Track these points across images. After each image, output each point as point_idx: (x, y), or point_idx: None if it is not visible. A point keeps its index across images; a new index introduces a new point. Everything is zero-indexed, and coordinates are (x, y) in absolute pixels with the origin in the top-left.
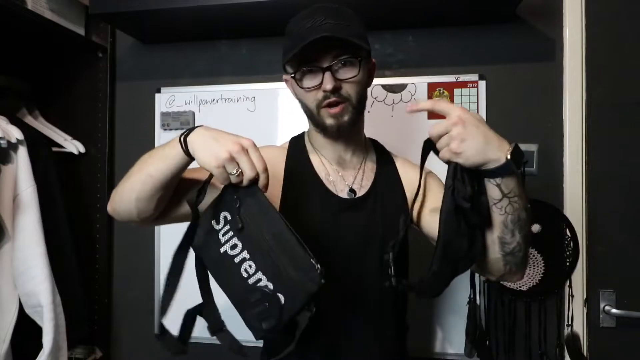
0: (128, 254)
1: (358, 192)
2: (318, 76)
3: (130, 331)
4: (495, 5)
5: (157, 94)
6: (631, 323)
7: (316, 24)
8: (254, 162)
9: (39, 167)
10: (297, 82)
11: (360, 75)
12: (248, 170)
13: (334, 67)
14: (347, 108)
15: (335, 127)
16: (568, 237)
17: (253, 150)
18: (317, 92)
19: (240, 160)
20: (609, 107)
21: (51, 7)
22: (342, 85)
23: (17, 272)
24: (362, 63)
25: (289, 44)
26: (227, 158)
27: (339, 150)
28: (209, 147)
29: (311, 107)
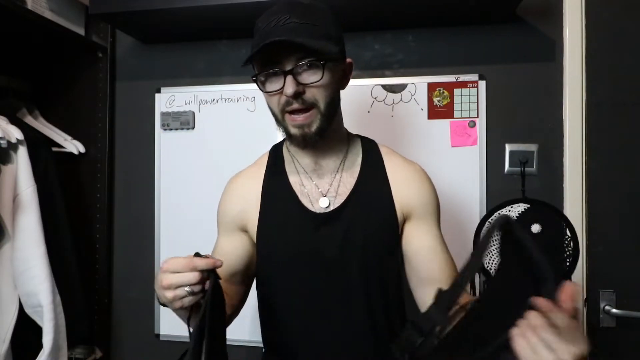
0: (128, 254)
1: (333, 202)
2: (280, 80)
3: (130, 331)
4: (495, 5)
5: (157, 94)
6: (631, 323)
7: (280, 22)
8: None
9: (39, 167)
10: (260, 85)
11: (325, 79)
12: (181, 282)
13: (296, 70)
14: (315, 115)
15: (300, 137)
16: (568, 237)
17: (174, 264)
18: (280, 96)
19: (168, 282)
20: (609, 107)
21: (51, 7)
22: (305, 89)
23: (17, 272)
24: (328, 66)
25: (254, 41)
26: (162, 290)
27: (314, 156)
28: (157, 291)
29: (275, 112)
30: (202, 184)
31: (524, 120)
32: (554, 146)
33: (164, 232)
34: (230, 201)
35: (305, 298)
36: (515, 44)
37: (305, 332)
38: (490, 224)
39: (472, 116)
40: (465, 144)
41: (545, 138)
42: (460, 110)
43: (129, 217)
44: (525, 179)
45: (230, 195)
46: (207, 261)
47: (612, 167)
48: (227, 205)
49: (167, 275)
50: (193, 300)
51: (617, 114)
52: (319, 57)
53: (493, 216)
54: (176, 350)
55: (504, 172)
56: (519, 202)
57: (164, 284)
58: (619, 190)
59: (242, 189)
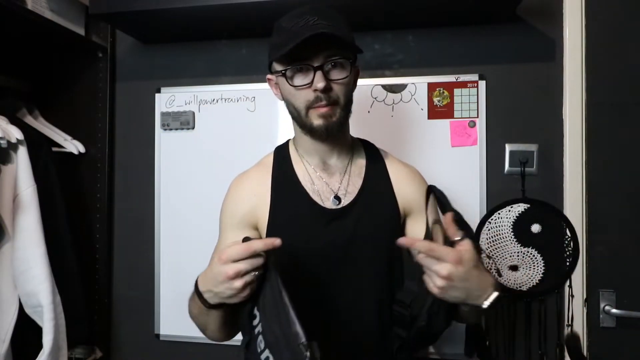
0: (128, 254)
1: (344, 199)
2: (309, 75)
3: (130, 331)
4: (495, 5)
5: (157, 94)
6: (631, 323)
7: (309, 23)
8: (243, 258)
9: (39, 167)
10: (287, 80)
11: (350, 77)
12: (248, 268)
13: (326, 67)
14: (336, 110)
15: (323, 127)
16: (568, 237)
17: (233, 253)
18: (307, 92)
19: (235, 270)
20: (609, 107)
21: (51, 7)
22: (332, 86)
23: (17, 272)
24: (353, 65)
25: (279, 41)
26: (230, 282)
27: (323, 154)
28: (215, 289)
29: (299, 107)
30: (202, 184)
31: (524, 120)
32: (554, 146)
33: (164, 232)
34: (240, 200)
35: (317, 290)
36: (515, 44)
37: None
38: None
39: (472, 116)
40: (465, 144)
41: (545, 138)
42: (460, 110)
43: (129, 217)
44: (525, 179)
45: (238, 194)
46: (265, 242)
47: (612, 167)
48: (236, 204)
49: (230, 265)
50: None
51: (617, 114)
52: (346, 56)
53: (492, 216)
54: (176, 350)
55: (504, 172)
56: (519, 202)
57: (231, 273)
58: (619, 190)
59: (251, 188)
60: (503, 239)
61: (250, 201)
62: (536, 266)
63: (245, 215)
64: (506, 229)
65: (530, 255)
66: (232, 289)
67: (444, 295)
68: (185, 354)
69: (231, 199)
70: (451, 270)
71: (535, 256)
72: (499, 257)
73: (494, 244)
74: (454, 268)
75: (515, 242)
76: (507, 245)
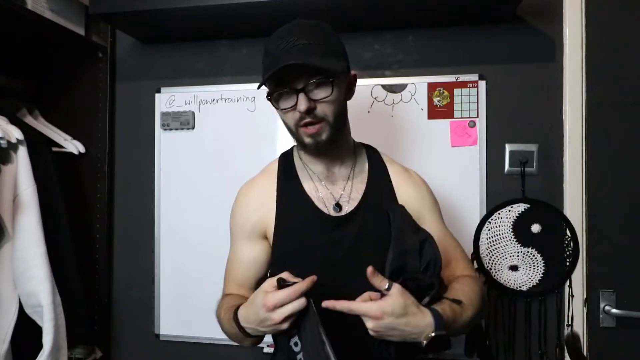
0: (128, 254)
1: (347, 206)
2: (293, 97)
3: (130, 331)
4: (495, 5)
5: (157, 94)
6: (631, 323)
7: (289, 45)
8: (287, 303)
9: (39, 167)
10: (274, 103)
11: (334, 95)
12: (294, 311)
13: (308, 88)
14: (324, 127)
15: (313, 145)
16: (568, 237)
17: (279, 299)
18: (293, 112)
19: (283, 317)
20: (609, 107)
21: (51, 7)
22: (316, 105)
23: (17, 272)
24: (336, 82)
25: (265, 64)
26: (276, 325)
27: (326, 164)
28: (259, 327)
29: (290, 126)
30: (202, 184)
31: (524, 120)
32: (554, 146)
33: (164, 232)
34: (249, 209)
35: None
36: (515, 44)
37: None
38: None
39: (472, 116)
40: (465, 144)
41: (545, 138)
42: (460, 110)
43: (129, 217)
44: (525, 179)
45: (248, 203)
46: (307, 283)
47: (612, 167)
48: (246, 213)
49: (277, 312)
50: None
51: (617, 114)
52: (327, 75)
53: (492, 216)
54: (176, 350)
55: (504, 172)
56: (519, 202)
57: (279, 319)
58: (619, 190)
59: (259, 196)
60: (503, 239)
61: (258, 210)
62: (536, 266)
63: (255, 225)
64: (506, 229)
65: (530, 255)
66: (278, 329)
67: (381, 337)
68: (185, 354)
69: (240, 208)
70: (374, 324)
71: (535, 256)
72: (499, 257)
73: (494, 244)
74: (376, 322)
75: (515, 242)
76: (507, 245)
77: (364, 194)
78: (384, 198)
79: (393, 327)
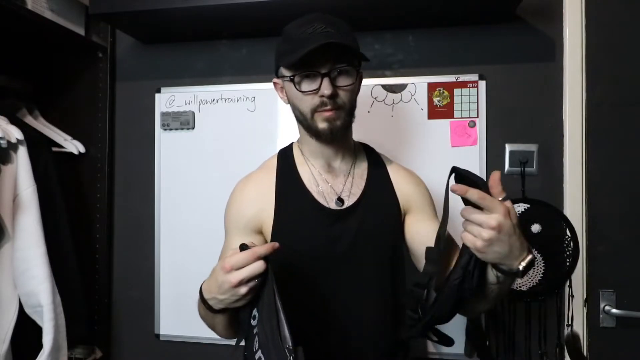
0: (128, 254)
1: (347, 201)
2: (316, 81)
3: (130, 331)
4: (495, 5)
5: (157, 94)
6: (631, 323)
7: (317, 30)
8: (246, 264)
9: (39, 167)
10: (295, 85)
11: (356, 84)
12: (251, 274)
13: (332, 74)
14: (341, 114)
15: (328, 130)
16: (568, 237)
17: (236, 261)
18: (313, 96)
19: (239, 278)
20: (609, 107)
21: (51, 7)
22: (338, 92)
23: (17, 272)
24: (358, 72)
25: (287, 48)
26: (233, 289)
27: (328, 157)
28: (218, 295)
29: (305, 112)
30: (202, 183)
31: (524, 120)
32: (554, 146)
33: (164, 232)
34: (245, 204)
35: (320, 290)
36: (515, 44)
37: (320, 324)
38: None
39: (472, 116)
40: (465, 144)
41: (545, 138)
42: (460, 110)
43: (129, 217)
44: (525, 179)
45: (244, 198)
46: (267, 247)
47: (612, 167)
48: (241, 208)
49: (234, 274)
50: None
51: (617, 114)
52: (352, 63)
53: None
54: (176, 350)
55: (504, 172)
56: (519, 202)
57: (235, 281)
58: (619, 190)
59: (256, 191)
60: None
61: (254, 205)
62: (536, 266)
63: (250, 219)
64: None
65: None
66: (236, 296)
67: (485, 250)
68: (185, 354)
69: (235, 202)
70: (500, 221)
71: (535, 256)
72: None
73: None
74: (503, 219)
75: None
76: None
77: (364, 189)
78: (383, 194)
79: (511, 233)
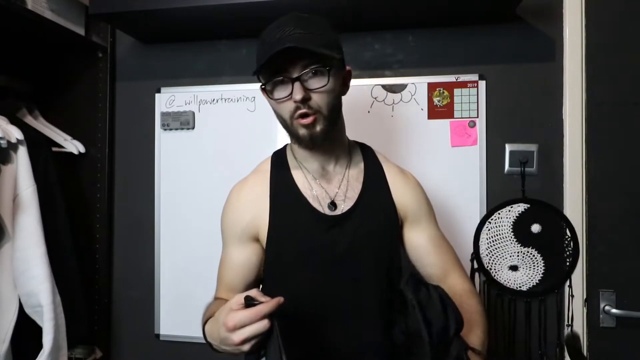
0: (128, 254)
1: (344, 205)
2: (289, 87)
3: (130, 331)
4: (495, 5)
5: (157, 94)
6: (631, 323)
7: (285, 34)
8: (249, 324)
9: (39, 167)
10: (268, 94)
11: (329, 85)
12: (255, 333)
13: (303, 77)
14: (319, 119)
15: (307, 137)
16: (568, 237)
17: (240, 320)
18: (289, 103)
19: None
20: (609, 107)
21: (51, 7)
22: (311, 96)
23: (17, 272)
24: (332, 72)
25: (258, 54)
26: (236, 346)
27: (321, 161)
28: (221, 345)
29: (285, 118)
30: (202, 184)
31: (524, 120)
32: (554, 146)
33: (164, 232)
34: (240, 210)
35: (317, 295)
36: (515, 44)
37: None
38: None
39: (472, 116)
40: (465, 144)
41: (545, 138)
42: (460, 110)
43: (129, 217)
44: (525, 179)
45: (238, 205)
46: (271, 305)
47: (612, 167)
48: (236, 215)
49: (237, 333)
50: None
51: (617, 114)
52: (323, 64)
53: (492, 216)
54: (176, 350)
55: (504, 172)
56: (519, 202)
57: (238, 340)
58: (619, 190)
59: (250, 197)
60: (503, 239)
61: (250, 211)
62: (536, 266)
63: (246, 226)
64: (506, 229)
65: (530, 255)
66: (238, 350)
67: None
68: (185, 354)
69: (231, 210)
70: None
71: (535, 256)
72: (499, 257)
73: (494, 244)
74: None
75: (515, 242)
76: (507, 245)
77: (360, 193)
78: (380, 198)
79: None
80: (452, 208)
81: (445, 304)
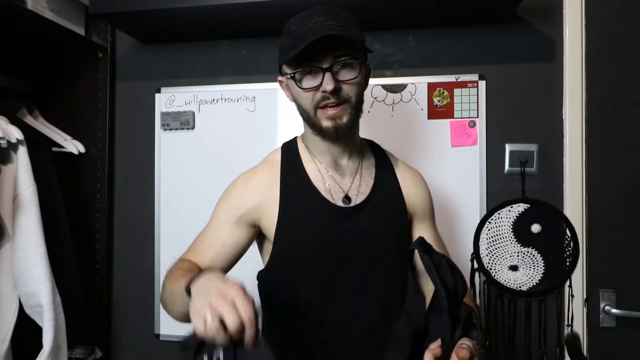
0: (128, 254)
1: (356, 199)
2: (318, 77)
3: (130, 331)
4: (495, 5)
5: (157, 94)
6: (631, 323)
7: (317, 24)
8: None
9: (39, 167)
10: (297, 83)
11: (360, 77)
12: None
13: (334, 68)
14: (347, 109)
15: (332, 129)
16: (568, 237)
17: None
18: (315, 92)
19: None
20: (609, 107)
21: (51, 7)
22: (341, 86)
23: (17, 272)
24: (362, 65)
25: (288, 43)
26: (207, 310)
27: (335, 155)
28: (197, 299)
29: (308, 109)
30: (202, 184)
31: (524, 120)
32: (554, 146)
33: (164, 232)
34: (245, 196)
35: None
36: (515, 44)
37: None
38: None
39: (472, 116)
40: (465, 144)
41: (545, 138)
42: (460, 110)
43: (129, 217)
44: (525, 179)
45: (246, 190)
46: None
47: (612, 167)
48: (240, 200)
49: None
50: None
51: (617, 114)
52: (355, 56)
53: (492, 216)
54: (176, 350)
55: (504, 172)
56: (519, 202)
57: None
58: (618, 190)
59: (259, 184)
60: (503, 239)
61: (256, 198)
62: (536, 266)
63: (249, 211)
64: (506, 229)
65: (530, 255)
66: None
67: None
68: None
69: (235, 193)
70: None
71: (535, 256)
72: (499, 257)
73: (494, 244)
74: None
75: (515, 242)
76: (507, 245)
77: (372, 187)
78: (391, 195)
79: None
80: (452, 208)
81: (452, 268)
